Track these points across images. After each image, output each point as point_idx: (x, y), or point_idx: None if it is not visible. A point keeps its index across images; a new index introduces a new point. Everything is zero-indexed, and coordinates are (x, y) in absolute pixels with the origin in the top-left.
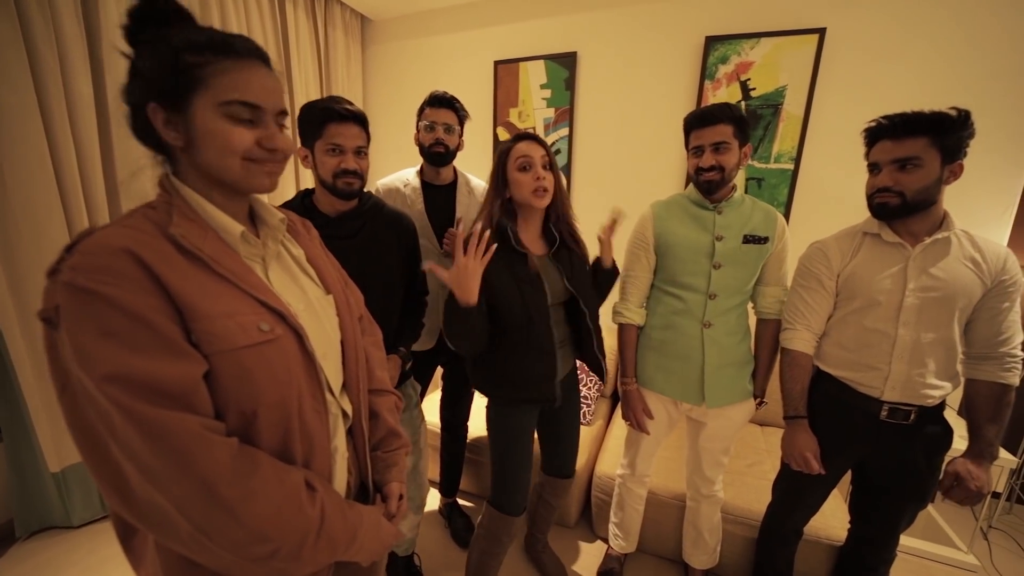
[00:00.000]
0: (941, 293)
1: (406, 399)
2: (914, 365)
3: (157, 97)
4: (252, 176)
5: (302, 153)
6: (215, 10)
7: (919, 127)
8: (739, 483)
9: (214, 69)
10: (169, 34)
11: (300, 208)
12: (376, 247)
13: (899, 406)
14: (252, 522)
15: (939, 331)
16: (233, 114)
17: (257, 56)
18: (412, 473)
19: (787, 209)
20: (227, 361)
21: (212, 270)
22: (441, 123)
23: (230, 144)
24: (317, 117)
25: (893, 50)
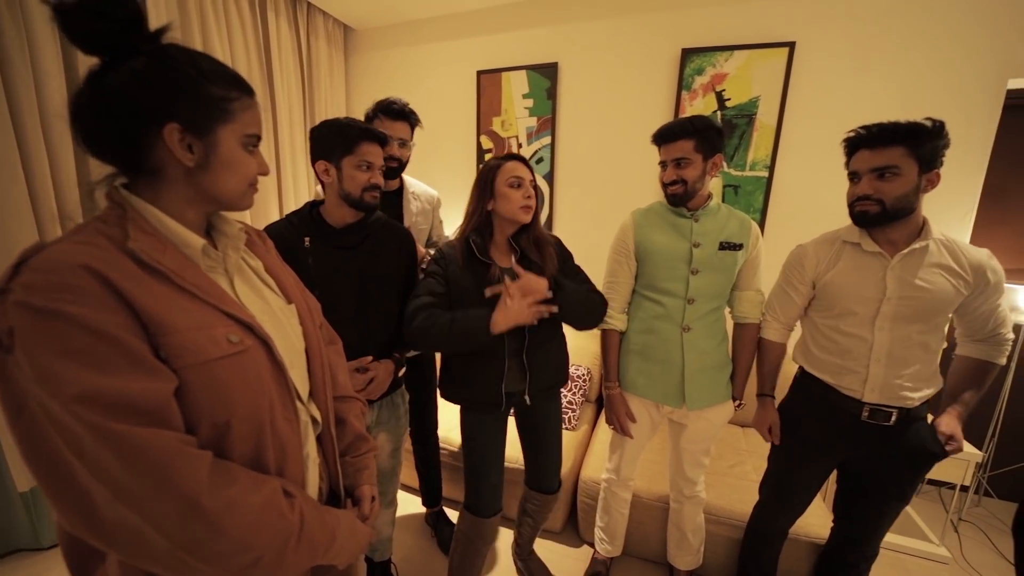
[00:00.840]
0: (918, 301)
1: (393, 407)
2: (892, 367)
3: (181, 119)
4: (247, 197)
5: (322, 167)
6: (195, 19)
7: (896, 136)
8: (721, 484)
9: (239, 105)
10: (171, 52)
11: (308, 219)
12: (378, 257)
13: (879, 407)
14: (235, 532)
15: (915, 336)
16: (247, 145)
17: (254, 94)
18: (390, 474)
19: (763, 215)
20: (198, 374)
21: (174, 284)
22: (397, 137)
23: (248, 172)
24: (354, 135)
25: (858, 63)
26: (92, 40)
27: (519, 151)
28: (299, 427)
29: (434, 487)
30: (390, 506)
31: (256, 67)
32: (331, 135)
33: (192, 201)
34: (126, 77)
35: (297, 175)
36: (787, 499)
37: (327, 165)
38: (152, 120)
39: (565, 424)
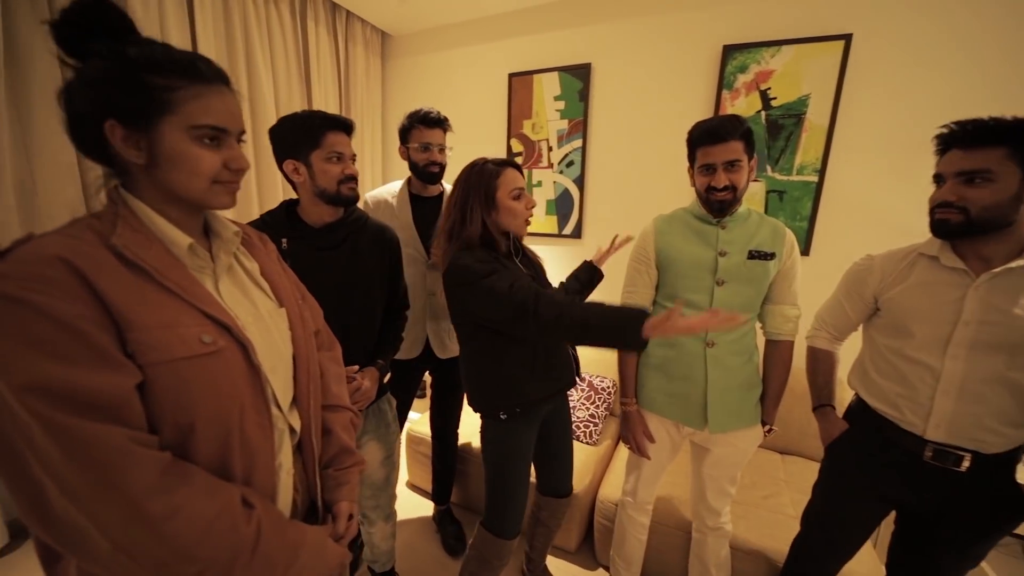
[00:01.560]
0: (1005, 331)
1: (380, 414)
2: (965, 402)
3: (119, 115)
4: (215, 195)
5: (291, 166)
6: (239, 28)
7: (995, 136)
8: (752, 516)
9: (185, 94)
10: (123, 49)
11: (284, 219)
12: (359, 259)
13: (946, 448)
14: (177, 540)
15: (1001, 370)
16: (201, 138)
17: (221, 79)
18: (384, 483)
19: (811, 223)
20: (163, 372)
21: (155, 281)
22: (436, 144)
23: (199, 167)
24: (316, 126)
25: (925, 56)
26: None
27: (549, 154)
28: (273, 435)
29: (446, 486)
30: (387, 520)
31: (295, 74)
32: (293, 130)
33: (167, 199)
34: (76, 79)
35: None
36: (831, 539)
37: (295, 163)
38: (95, 119)
39: (586, 439)
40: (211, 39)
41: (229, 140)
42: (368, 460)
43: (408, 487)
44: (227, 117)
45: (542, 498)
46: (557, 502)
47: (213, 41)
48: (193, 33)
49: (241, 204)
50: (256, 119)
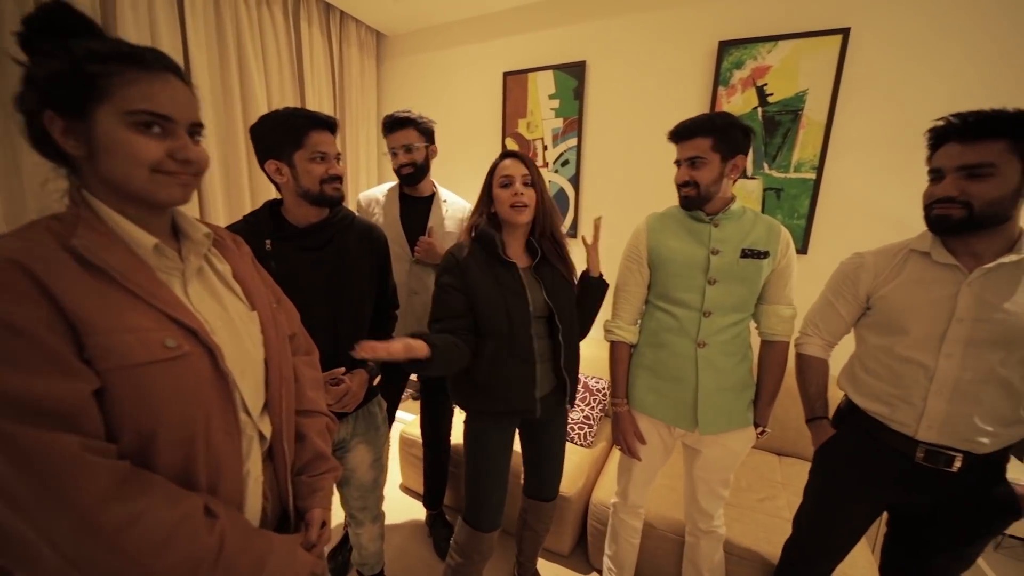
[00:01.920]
0: (1000, 327)
1: (370, 417)
2: (958, 403)
3: (54, 105)
4: (161, 187)
5: (273, 167)
6: (230, 30)
7: (997, 128)
8: (748, 519)
9: (120, 80)
10: (70, 44)
11: (268, 219)
12: (346, 259)
13: (939, 449)
14: (133, 551)
15: (996, 369)
16: (139, 124)
17: (168, 68)
18: (372, 486)
19: (808, 221)
20: (123, 378)
21: (117, 283)
22: (400, 146)
23: (136, 154)
24: (299, 126)
25: (924, 51)
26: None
27: (544, 153)
28: (240, 441)
29: (439, 492)
30: (375, 521)
31: (289, 76)
32: (275, 130)
33: (119, 196)
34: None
35: None
36: (823, 542)
37: (278, 164)
38: (35, 111)
39: (580, 440)
40: (202, 41)
41: (175, 130)
42: (357, 463)
43: (401, 490)
44: (170, 104)
45: (527, 500)
46: (540, 505)
47: (204, 43)
48: (184, 35)
49: (235, 206)
50: (249, 120)
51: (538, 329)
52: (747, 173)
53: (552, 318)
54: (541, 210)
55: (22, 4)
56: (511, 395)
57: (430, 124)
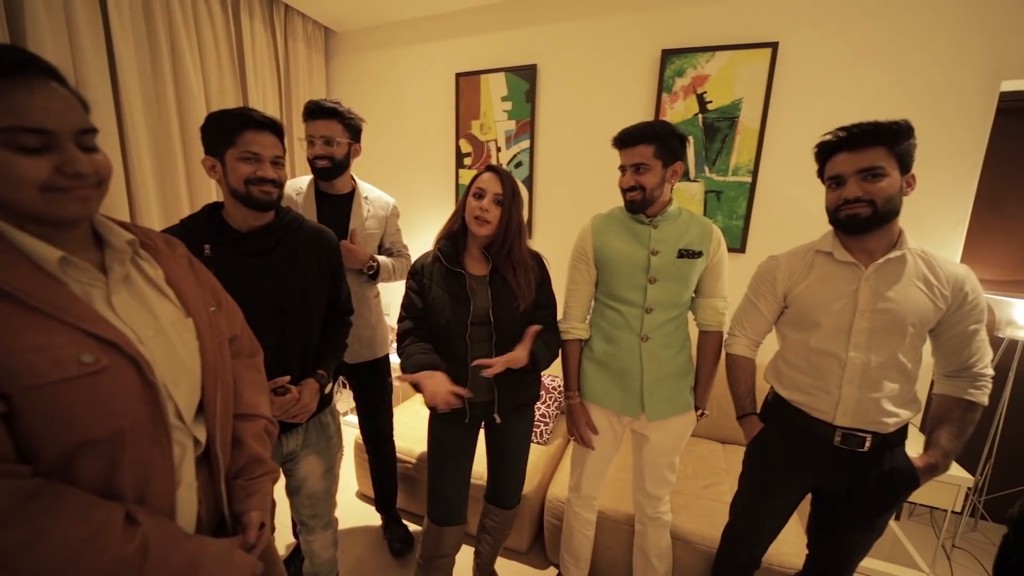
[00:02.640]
0: (892, 316)
1: (322, 427)
2: (866, 389)
3: None
4: (56, 206)
5: (208, 163)
6: (161, 22)
7: (878, 136)
8: (693, 505)
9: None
10: None
11: (206, 223)
12: (293, 265)
13: (852, 432)
14: (40, 567)
15: (892, 355)
16: (15, 143)
17: (37, 70)
18: (324, 494)
19: (746, 221)
20: (36, 397)
21: (25, 304)
22: (319, 136)
23: (20, 176)
24: (230, 125)
25: (844, 64)
26: None
27: (498, 155)
28: (171, 450)
29: (387, 495)
30: (327, 528)
31: (228, 71)
32: (212, 127)
33: (15, 215)
34: None
35: None
36: (756, 526)
37: (212, 161)
38: None
39: (536, 439)
40: (130, 36)
41: (59, 142)
42: (307, 473)
43: (358, 497)
44: (46, 115)
45: (487, 505)
46: (499, 512)
47: (132, 36)
48: (107, 27)
49: (171, 209)
50: (184, 118)
51: (477, 335)
52: (690, 176)
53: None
54: (505, 228)
55: None
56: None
57: (359, 122)
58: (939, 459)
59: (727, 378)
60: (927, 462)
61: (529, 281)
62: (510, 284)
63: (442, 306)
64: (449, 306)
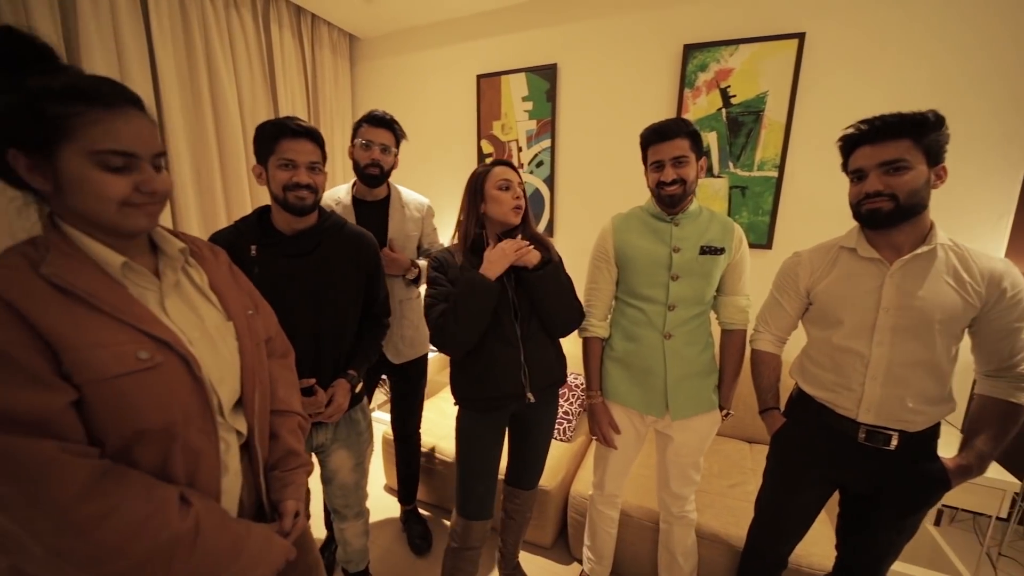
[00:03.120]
0: (918, 313)
1: (352, 424)
2: (891, 386)
3: (17, 144)
4: (129, 219)
5: (256, 171)
6: (198, 34)
7: (902, 128)
8: (719, 504)
9: (83, 120)
10: (24, 79)
11: (256, 225)
12: (332, 266)
13: (877, 429)
14: (107, 539)
15: (920, 353)
16: (106, 163)
17: (128, 101)
18: (354, 487)
19: (772, 217)
20: (101, 389)
21: (89, 304)
22: (378, 143)
23: (104, 192)
24: (270, 134)
25: (873, 55)
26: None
27: (519, 155)
28: (217, 440)
29: (412, 487)
30: (358, 518)
31: (260, 79)
32: (258, 137)
33: (88, 223)
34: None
35: None
36: (782, 523)
37: (260, 168)
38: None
39: (560, 435)
40: (169, 46)
41: (139, 164)
42: (338, 465)
43: (385, 491)
44: (134, 141)
45: (507, 487)
46: (519, 493)
47: (172, 48)
48: (150, 40)
49: (208, 213)
50: (220, 127)
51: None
52: (713, 172)
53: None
54: (528, 214)
55: None
56: (502, 379)
57: (403, 136)
58: (973, 461)
59: (751, 373)
60: (959, 464)
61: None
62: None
63: None
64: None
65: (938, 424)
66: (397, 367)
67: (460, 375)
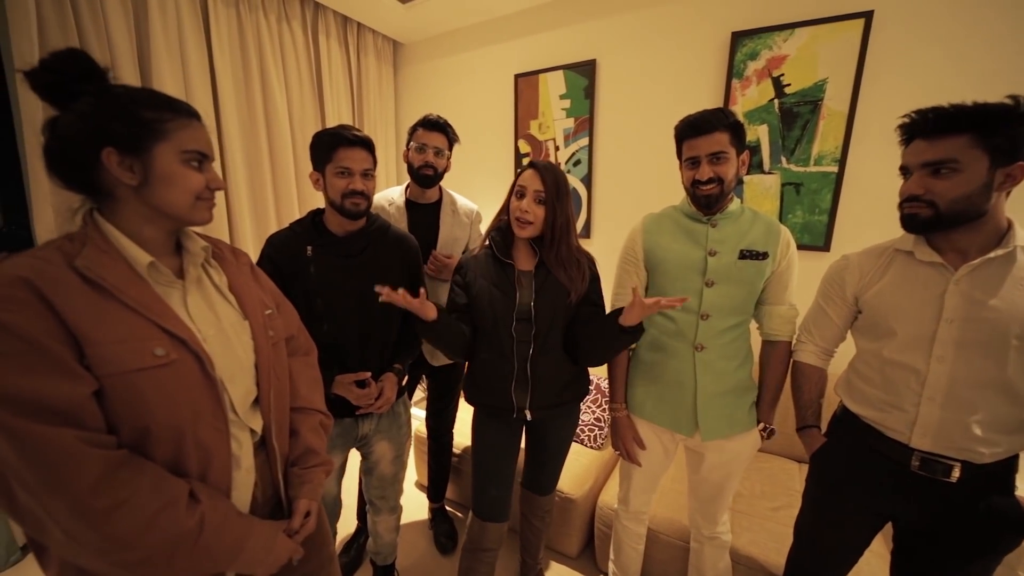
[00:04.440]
0: (990, 326)
1: (394, 416)
2: (952, 409)
3: (116, 142)
4: (198, 211)
5: (314, 177)
6: (253, 49)
7: (958, 123)
8: (758, 528)
9: (175, 124)
10: (110, 88)
11: (311, 227)
12: (379, 266)
13: (935, 458)
14: (117, 531)
15: (990, 371)
16: (189, 161)
17: (196, 116)
18: (392, 479)
19: (831, 217)
20: (118, 382)
21: (115, 297)
22: (432, 146)
23: (189, 184)
24: (328, 143)
25: (955, 32)
26: (53, 92)
27: (556, 154)
28: (229, 436)
29: (442, 485)
30: (392, 512)
31: (308, 89)
32: (316, 145)
33: (148, 218)
34: (72, 116)
35: None
36: (822, 555)
37: (317, 175)
38: (92, 147)
39: (590, 443)
40: (227, 60)
41: (208, 164)
42: (379, 456)
43: (416, 487)
44: (207, 145)
45: (523, 491)
46: (535, 497)
47: (229, 62)
48: (210, 54)
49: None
50: (271, 135)
51: (521, 330)
52: (764, 168)
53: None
54: (552, 227)
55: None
56: (492, 390)
57: (456, 140)
58: None
59: (791, 386)
60: None
61: (583, 273)
62: (554, 278)
63: (488, 299)
64: (495, 299)
65: (1015, 457)
66: (435, 368)
67: (467, 375)
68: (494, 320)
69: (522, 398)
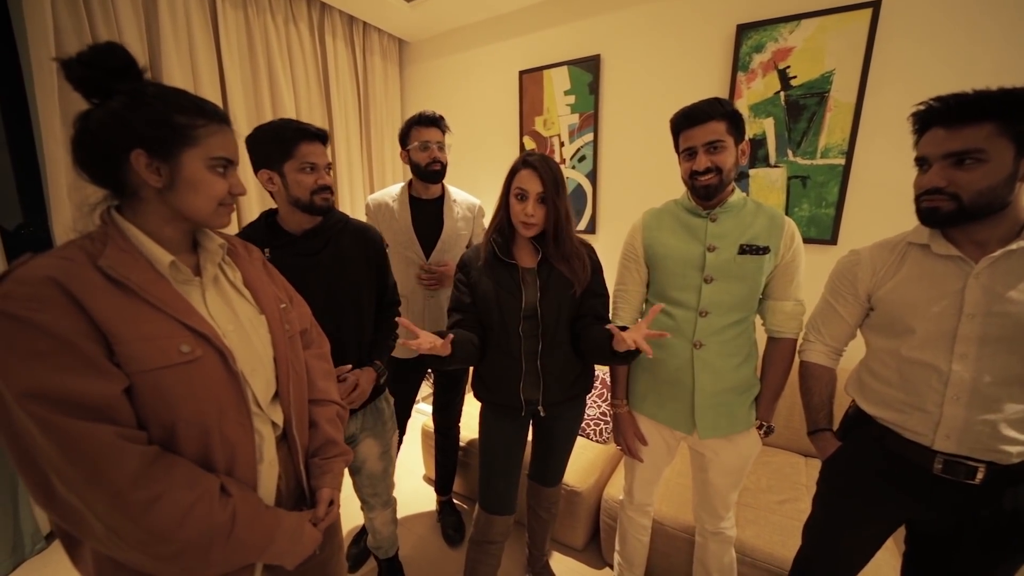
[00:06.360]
0: (1013, 321)
1: (377, 412)
2: (978, 410)
3: (146, 145)
4: (219, 216)
5: (265, 176)
6: (260, 50)
7: (982, 111)
8: (764, 521)
9: (205, 131)
10: (143, 88)
11: (264, 228)
12: (342, 262)
13: (959, 460)
14: (155, 524)
15: (1017, 368)
16: (215, 167)
17: (227, 121)
18: (382, 474)
19: (838, 210)
20: (145, 380)
21: (139, 296)
22: (434, 141)
23: (213, 191)
24: (289, 138)
25: (967, 19)
26: (88, 85)
27: (561, 150)
28: (252, 431)
29: (449, 478)
30: (386, 507)
31: (316, 89)
32: (267, 140)
33: (169, 219)
34: (104, 114)
35: (354, 191)
36: (832, 560)
37: (270, 174)
38: (122, 147)
39: (596, 437)
40: (236, 62)
41: (232, 170)
42: (366, 454)
43: (425, 480)
44: (233, 151)
45: (530, 483)
46: (541, 489)
47: (238, 63)
48: (219, 54)
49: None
50: None
51: (528, 328)
52: (770, 161)
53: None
54: (554, 223)
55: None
56: (499, 388)
57: (448, 130)
58: None
59: (800, 389)
60: None
61: (585, 265)
62: (558, 272)
63: (493, 299)
64: (501, 299)
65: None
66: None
67: (474, 372)
68: (501, 321)
69: (534, 395)
